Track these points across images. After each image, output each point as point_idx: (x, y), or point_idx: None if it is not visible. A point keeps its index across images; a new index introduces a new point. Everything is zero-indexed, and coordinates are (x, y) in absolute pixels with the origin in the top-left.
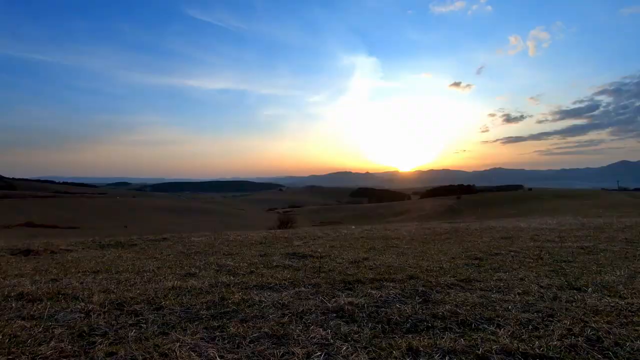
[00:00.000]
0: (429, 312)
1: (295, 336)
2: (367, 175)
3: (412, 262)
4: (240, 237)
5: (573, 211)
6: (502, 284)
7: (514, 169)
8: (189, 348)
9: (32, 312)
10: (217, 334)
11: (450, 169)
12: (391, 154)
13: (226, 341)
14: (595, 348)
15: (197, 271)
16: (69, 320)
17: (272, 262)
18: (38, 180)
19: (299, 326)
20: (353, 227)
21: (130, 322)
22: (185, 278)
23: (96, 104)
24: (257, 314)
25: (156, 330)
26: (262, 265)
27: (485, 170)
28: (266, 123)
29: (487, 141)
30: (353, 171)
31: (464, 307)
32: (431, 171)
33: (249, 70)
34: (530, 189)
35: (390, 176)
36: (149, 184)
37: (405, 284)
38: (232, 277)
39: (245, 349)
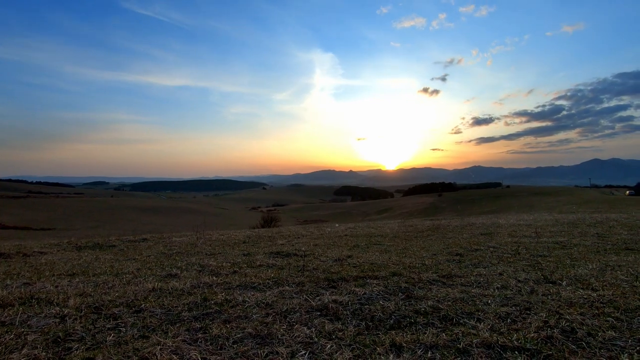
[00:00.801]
0: (411, 308)
1: (280, 336)
2: (351, 173)
3: (395, 259)
4: (223, 236)
5: (548, 208)
6: (481, 279)
7: (493, 167)
8: (170, 351)
9: (3, 319)
10: (200, 335)
11: (432, 167)
12: (367, 153)
13: (209, 343)
14: (570, 339)
15: (179, 272)
16: (43, 325)
17: (255, 261)
18: (9, 180)
19: (283, 325)
20: (337, 225)
21: (108, 326)
22: (166, 279)
23: (50, 100)
24: (241, 314)
25: (136, 334)
26: (245, 265)
27: (465, 169)
28: (236, 121)
29: (461, 142)
30: (336, 169)
31: (446, 303)
32: (413, 169)
33: (206, 67)
34: (508, 187)
35: (374, 174)
36: (127, 183)
37: (389, 281)
38: (214, 278)
39: (228, 350)
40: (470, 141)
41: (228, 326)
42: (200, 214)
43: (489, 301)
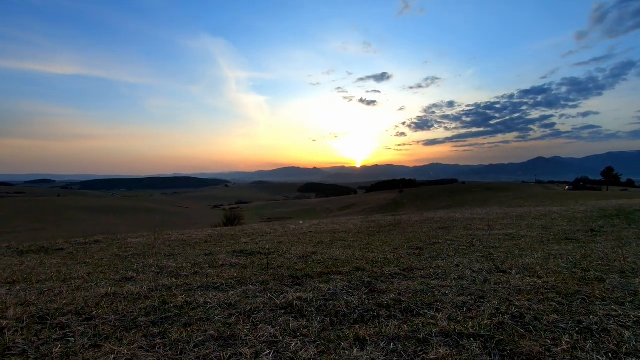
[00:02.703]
0: (374, 302)
1: (243, 336)
2: (315, 170)
3: (359, 254)
4: (184, 236)
5: (499, 202)
6: (440, 271)
7: (450, 164)
8: (125, 359)
9: None
10: (158, 341)
11: (394, 164)
12: (306, 150)
13: (168, 348)
14: (519, 323)
15: (135, 275)
16: None
17: (217, 261)
18: None
19: (246, 326)
20: (301, 222)
21: (54, 336)
22: (120, 283)
23: None
24: (202, 316)
25: (86, 343)
26: (207, 265)
27: (424, 166)
28: (162, 116)
29: (404, 144)
30: (301, 166)
31: (407, 295)
32: (376, 166)
33: (96, 55)
34: (463, 183)
35: (338, 171)
36: (76, 181)
37: (352, 276)
38: (174, 279)
39: (189, 354)
40: (418, 142)
41: (189, 329)
42: (158, 213)
43: (447, 292)
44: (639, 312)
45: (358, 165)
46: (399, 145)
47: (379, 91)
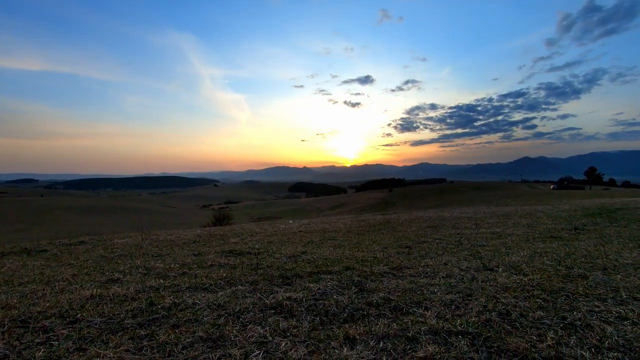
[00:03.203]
0: (364, 301)
1: (232, 337)
2: (305, 169)
3: (348, 253)
4: (172, 236)
5: (486, 201)
6: (428, 269)
7: (439, 163)
8: None
9: None
10: (145, 343)
11: (383, 163)
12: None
13: (155, 350)
14: (506, 320)
15: (121, 276)
16: None
17: (206, 261)
18: None
19: (236, 326)
20: (291, 221)
21: (37, 340)
22: (106, 285)
23: None
24: (191, 317)
25: (71, 347)
26: (195, 266)
27: (413, 165)
28: (140, 114)
29: (394, 144)
30: (290, 165)
31: (396, 293)
32: (365, 166)
33: (60, 51)
34: (451, 182)
35: (328, 170)
36: (60, 181)
37: (342, 275)
38: (161, 280)
39: (177, 356)
40: (405, 143)
41: (177, 331)
42: (146, 213)
43: (435, 290)
44: (621, 307)
45: (348, 165)
46: (385, 145)
47: (362, 94)
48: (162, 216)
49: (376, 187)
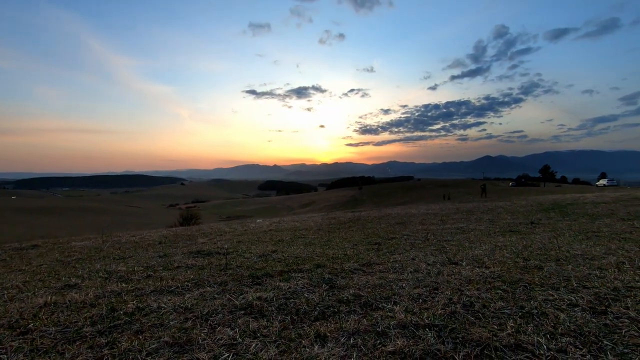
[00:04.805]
0: (335, 298)
1: (200, 340)
2: (275, 167)
3: (319, 251)
4: (135, 237)
5: (451, 198)
6: (397, 265)
7: (407, 161)
8: None
9: None
10: (106, 352)
11: (353, 162)
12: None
13: (117, 358)
14: (469, 312)
15: (79, 281)
16: None
17: (172, 263)
18: None
19: (204, 329)
20: (260, 220)
21: None
22: (62, 291)
23: None
24: (156, 322)
25: None
26: (161, 268)
27: (382, 163)
28: (65, 107)
29: (358, 143)
30: (260, 163)
31: (366, 290)
32: (336, 164)
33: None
34: (419, 180)
35: (298, 168)
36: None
37: (313, 273)
38: (124, 284)
39: None
40: (369, 143)
41: (141, 337)
42: (107, 213)
43: (404, 285)
44: (572, 295)
45: (319, 163)
46: (349, 144)
47: (314, 100)
48: (125, 216)
49: (346, 185)
